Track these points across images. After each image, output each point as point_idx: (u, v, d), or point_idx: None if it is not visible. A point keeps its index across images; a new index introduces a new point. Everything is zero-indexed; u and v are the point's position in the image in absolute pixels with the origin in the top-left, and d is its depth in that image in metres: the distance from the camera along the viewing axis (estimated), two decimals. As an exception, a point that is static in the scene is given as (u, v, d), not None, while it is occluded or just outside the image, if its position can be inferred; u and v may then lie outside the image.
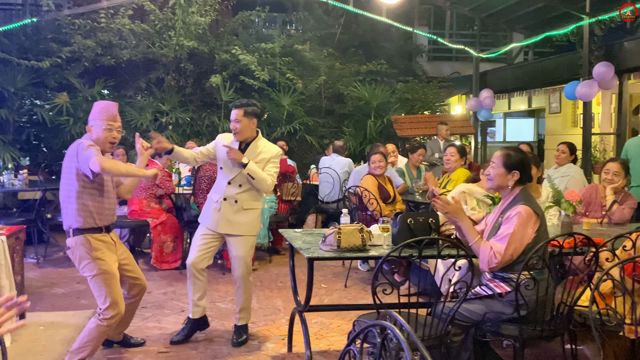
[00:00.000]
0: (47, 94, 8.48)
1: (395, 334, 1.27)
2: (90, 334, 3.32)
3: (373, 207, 5.46)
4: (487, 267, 2.90)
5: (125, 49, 8.76)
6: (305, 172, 8.75)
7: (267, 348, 3.94)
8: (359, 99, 9.66)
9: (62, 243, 7.11)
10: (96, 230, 3.36)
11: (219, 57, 8.97)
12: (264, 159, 3.94)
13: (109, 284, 3.33)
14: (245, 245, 3.95)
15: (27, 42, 8.56)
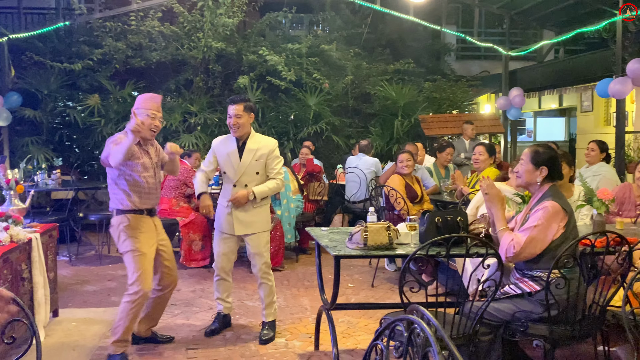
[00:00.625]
0: (79, 96, 8.67)
1: (423, 328, 1.26)
2: (120, 315, 3.49)
3: (400, 207, 5.43)
4: (505, 257, 2.88)
5: (155, 51, 8.90)
6: (332, 172, 8.75)
7: (294, 346, 3.95)
8: (386, 99, 9.61)
9: (94, 242, 7.26)
10: (137, 212, 3.56)
11: (246, 58, 9.03)
12: (263, 155, 3.97)
13: (140, 262, 3.49)
14: (261, 241, 4.02)
15: (60, 45, 8.76)
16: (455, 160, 7.82)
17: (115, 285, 5.45)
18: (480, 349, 2.86)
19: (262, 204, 4.04)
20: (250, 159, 3.94)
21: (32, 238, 3.89)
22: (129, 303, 3.48)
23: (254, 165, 3.95)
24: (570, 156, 4.86)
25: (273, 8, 9.83)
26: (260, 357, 3.74)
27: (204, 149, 8.62)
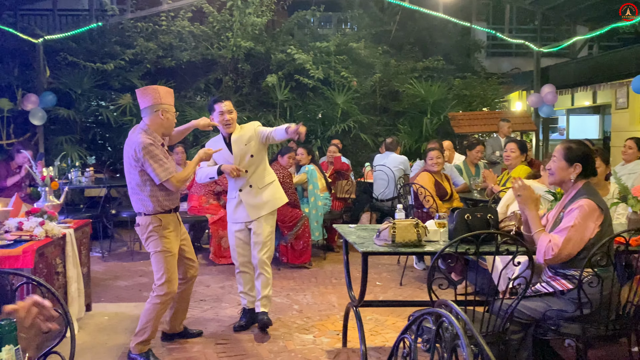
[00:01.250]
0: (111, 95, 8.83)
1: (451, 321, 1.24)
2: (147, 315, 3.51)
3: (429, 205, 5.38)
4: (543, 259, 2.82)
5: (185, 51, 9.01)
6: (360, 170, 8.73)
7: (322, 342, 3.95)
8: (415, 96, 9.54)
9: (126, 238, 7.40)
10: (165, 212, 3.55)
11: (274, 57, 9.07)
12: (252, 137, 4.00)
13: (168, 262, 3.52)
14: (264, 227, 4.05)
15: (93, 46, 8.94)
16: (489, 158, 7.71)
17: (146, 280, 5.54)
18: (510, 348, 2.82)
19: (266, 183, 4.08)
20: (241, 147, 3.98)
21: (66, 233, 3.99)
22: (157, 304, 3.51)
23: (246, 150, 3.99)
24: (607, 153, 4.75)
25: (301, 7, 9.84)
26: (289, 353, 3.76)
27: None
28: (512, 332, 2.84)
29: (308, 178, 6.53)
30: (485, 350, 1.23)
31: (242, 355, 3.73)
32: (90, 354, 3.54)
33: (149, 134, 3.47)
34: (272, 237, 4.13)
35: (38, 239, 3.61)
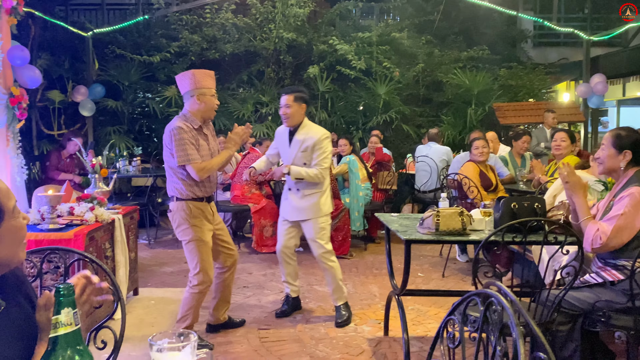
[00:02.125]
0: (157, 87, 9.01)
1: (500, 301, 1.22)
2: (187, 303, 3.56)
3: (473, 195, 5.29)
4: (591, 248, 2.73)
5: (229, 43, 9.11)
6: (401, 162, 8.66)
7: (364, 331, 3.95)
8: (459, 87, 9.38)
9: (171, 226, 7.54)
10: (197, 199, 3.51)
11: (316, 48, 9.07)
12: (308, 147, 3.96)
13: (201, 251, 3.50)
14: (314, 228, 4.04)
15: (139, 39, 9.14)
16: (534, 150, 7.53)
17: (190, 267, 5.65)
18: (557, 339, 2.75)
19: (313, 192, 4.02)
20: (297, 150, 4.00)
21: (115, 219, 4.11)
22: (194, 294, 3.53)
23: (300, 157, 3.99)
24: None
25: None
26: (330, 340, 3.78)
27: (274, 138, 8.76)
28: (559, 323, 2.77)
29: (349, 168, 6.52)
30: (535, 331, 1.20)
31: (284, 341, 3.77)
32: (138, 335, 3.64)
33: (187, 119, 3.48)
34: (325, 232, 4.08)
35: (88, 223, 3.73)
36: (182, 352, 1.02)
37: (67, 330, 0.91)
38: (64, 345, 0.90)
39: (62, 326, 0.90)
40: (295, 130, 4.01)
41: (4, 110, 5.63)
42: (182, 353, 1.02)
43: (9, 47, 5.72)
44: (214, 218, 3.66)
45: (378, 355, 3.55)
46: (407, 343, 3.27)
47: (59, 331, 0.90)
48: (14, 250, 1.27)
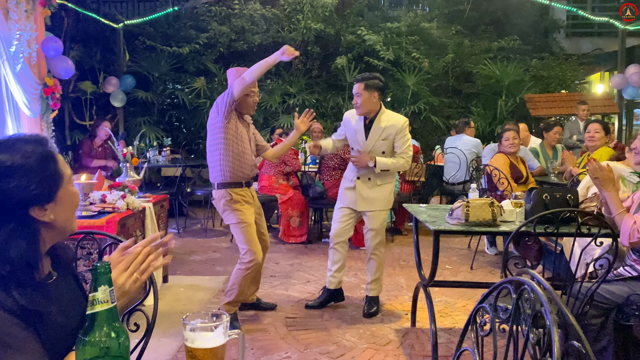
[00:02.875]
0: (186, 79, 9.10)
1: (533, 288, 1.20)
2: (235, 278, 3.69)
3: (503, 187, 5.22)
4: (628, 242, 2.66)
5: (257, 34, 9.13)
6: (430, 153, 8.58)
7: (390, 321, 3.95)
8: (489, 77, 9.23)
9: (200, 216, 7.66)
10: (237, 185, 3.68)
11: (344, 39, 9.03)
12: (390, 134, 3.93)
13: (248, 232, 3.66)
14: (378, 219, 4.02)
15: (169, 30, 9.23)
16: (567, 143, 7.38)
17: (219, 256, 5.72)
18: (589, 332, 2.70)
19: (385, 182, 4.00)
20: (376, 139, 3.93)
21: (146, 207, 4.17)
22: (242, 270, 3.67)
23: (380, 145, 3.93)
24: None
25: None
26: (357, 330, 3.78)
27: (302, 129, 8.75)
28: (591, 317, 2.72)
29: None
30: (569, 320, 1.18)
31: (311, 330, 3.78)
32: (168, 321, 3.70)
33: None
34: (384, 224, 4.09)
35: (120, 211, 3.79)
36: (214, 332, 1.03)
37: (103, 308, 0.93)
38: (100, 321, 0.92)
39: (99, 303, 0.92)
40: (373, 119, 3.95)
41: (38, 100, 5.77)
42: (214, 333, 1.03)
43: (43, 39, 5.84)
44: (254, 202, 3.82)
45: (405, 345, 3.54)
46: (434, 334, 3.25)
47: (95, 308, 0.92)
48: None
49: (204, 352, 1.02)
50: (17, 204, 1.22)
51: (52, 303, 1.27)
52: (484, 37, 10.11)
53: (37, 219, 1.25)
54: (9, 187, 1.20)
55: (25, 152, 1.25)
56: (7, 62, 5.19)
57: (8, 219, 1.21)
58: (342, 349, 3.47)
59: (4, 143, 1.27)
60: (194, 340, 1.02)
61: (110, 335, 0.92)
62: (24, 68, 5.38)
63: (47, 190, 1.26)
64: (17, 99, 5.50)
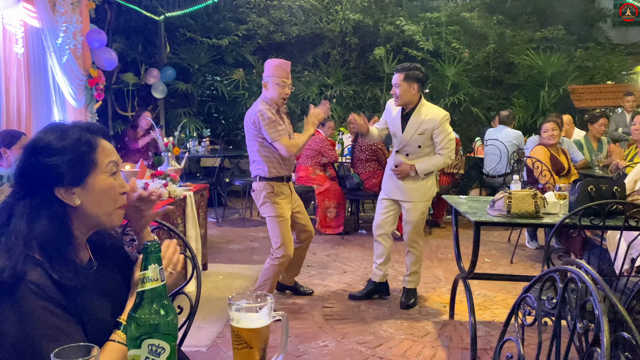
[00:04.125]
0: (225, 70, 9.19)
1: (581, 277, 1.17)
2: (266, 274, 3.76)
3: (545, 180, 5.10)
4: None
5: (295, 26, 9.14)
6: (470, 145, 8.45)
7: (428, 313, 3.92)
8: (532, 68, 9.01)
9: (238, 206, 7.76)
10: (278, 179, 3.74)
11: (383, 29, 8.95)
12: (428, 129, 3.82)
13: (282, 227, 3.71)
14: (415, 212, 3.93)
15: (209, 22, 9.32)
16: (612, 136, 7.16)
17: (257, 245, 5.78)
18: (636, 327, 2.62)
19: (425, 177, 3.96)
20: (413, 133, 3.85)
21: (186, 195, 4.25)
22: (274, 266, 3.73)
23: (416, 139, 3.85)
24: None
25: (412, -23, 9.61)
26: (394, 321, 3.77)
27: (338, 120, 8.76)
28: (638, 312, 2.64)
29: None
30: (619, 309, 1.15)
31: (348, 320, 3.79)
32: (207, 307, 3.77)
33: (267, 102, 3.69)
34: (423, 217, 4.01)
35: (162, 199, 3.87)
36: (259, 312, 1.04)
37: (153, 286, 0.95)
38: (150, 299, 0.95)
39: (149, 281, 0.95)
40: (411, 111, 3.87)
41: (83, 91, 5.93)
42: (259, 314, 1.04)
43: (88, 31, 5.99)
44: (292, 197, 3.87)
45: (443, 337, 3.51)
46: (473, 327, 3.22)
47: (146, 286, 0.95)
48: (104, 209, 1.34)
49: (249, 332, 1.03)
50: (44, 181, 1.26)
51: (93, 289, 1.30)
52: (526, 27, 9.86)
53: (63, 201, 1.28)
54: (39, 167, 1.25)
55: (65, 134, 1.30)
56: (54, 54, 5.34)
57: (34, 193, 1.26)
58: (380, 340, 3.47)
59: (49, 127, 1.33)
60: (239, 321, 1.04)
61: (160, 312, 0.95)
62: (70, 59, 5.53)
63: (75, 174, 1.28)
64: (63, 89, 5.67)
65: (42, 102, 5.63)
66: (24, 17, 5.06)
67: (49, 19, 5.16)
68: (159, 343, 0.93)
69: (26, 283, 1.16)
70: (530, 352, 2.84)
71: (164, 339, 0.94)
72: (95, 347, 0.92)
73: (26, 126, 5.25)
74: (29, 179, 1.26)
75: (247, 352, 1.04)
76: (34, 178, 1.26)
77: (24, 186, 1.27)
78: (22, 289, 1.16)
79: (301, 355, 3.25)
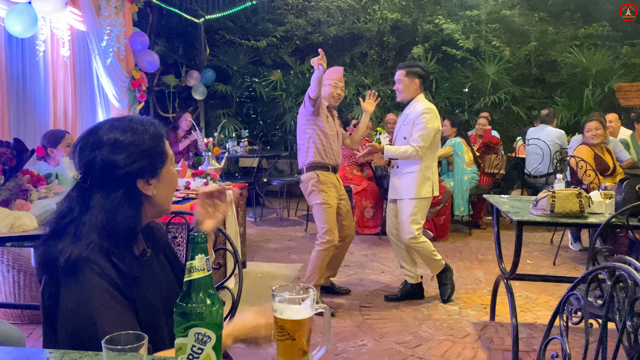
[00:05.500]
0: (263, 72, 9.28)
1: (631, 274, 1.14)
2: (313, 262, 3.85)
3: (589, 180, 4.96)
4: None
5: (333, 26, 9.15)
6: (510, 145, 8.30)
7: (468, 314, 3.87)
8: (575, 66, 8.77)
9: (275, 205, 7.81)
10: (323, 167, 3.86)
11: (421, 28, 8.87)
12: (410, 120, 3.95)
13: (327, 213, 3.82)
14: (405, 209, 3.94)
15: (247, 24, 9.43)
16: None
17: (294, 244, 5.81)
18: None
19: (407, 171, 3.95)
20: (400, 124, 4.05)
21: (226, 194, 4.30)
22: (320, 251, 3.82)
23: (402, 131, 4.02)
24: None
25: (451, -25, 9.48)
26: (433, 322, 3.73)
27: (375, 120, 8.72)
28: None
29: (454, 151, 6.36)
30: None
31: (386, 320, 3.77)
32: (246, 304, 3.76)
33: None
34: (415, 218, 3.94)
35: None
36: (301, 304, 1.05)
37: (200, 275, 0.97)
38: (197, 288, 0.97)
39: (196, 271, 0.97)
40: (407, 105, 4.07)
41: (126, 92, 6.07)
42: (301, 305, 1.05)
43: (131, 33, 6.14)
44: (339, 188, 3.96)
45: (484, 339, 3.46)
46: (515, 328, 3.15)
47: (192, 275, 0.97)
48: (169, 197, 1.45)
49: (292, 323, 1.04)
50: (127, 175, 1.33)
51: (146, 276, 1.38)
52: (569, 24, 9.61)
53: (142, 191, 1.36)
54: (119, 160, 1.32)
55: (138, 130, 1.36)
56: (99, 56, 5.49)
57: (116, 187, 1.33)
58: (419, 340, 3.44)
59: (122, 121, 1.38)
60: (282, 312, 1.05)
61: (206, 302, 0.96)
62: (114, 62, 5.68)
63: (153, 166, 1.37)
64: (107, 91, 5.83)
65: (87, 103, 5.80)
66: (70, 21, 5.23)
67: (93, 22, 5.31)
68: (205, 332, 0.95)
69: (91, 265, 1.24)
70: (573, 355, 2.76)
71: (210, 327, 0.96)
72: (145, 336, 0.95)
73: (72, 126, 5.42)
74: (110, 174, 1.32)
75: (290, 343, 1.05)
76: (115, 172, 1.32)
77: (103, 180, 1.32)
78: (86, 270, 1.23)
79: (340, 353, 3.25)
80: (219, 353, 0.97)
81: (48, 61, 5.09)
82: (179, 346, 0.96)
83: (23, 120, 4.81)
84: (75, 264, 1.23)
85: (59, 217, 1.33)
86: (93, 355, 1.16)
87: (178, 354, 0.96)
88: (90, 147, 1.34)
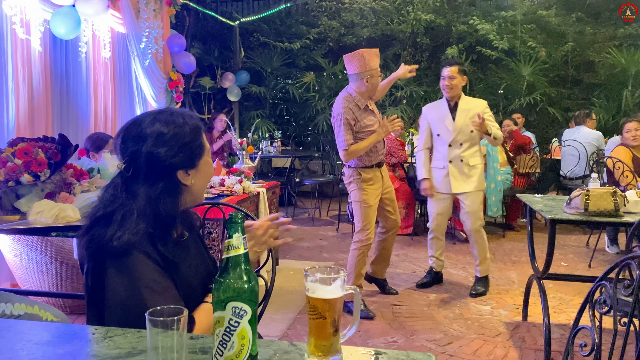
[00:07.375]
0: (296, 73, 9.37)
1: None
2: (350, 261, 3.89)
3: (627, 181, 4.87)
4: None
5: (366, 27, 9.18)
6: (546, 147, 8.18)
7: (500, 314, 3.85)
8: (614, 67, 8.59)
9: (307, 205, 7.88)
10: (366, 167, 3.87)
11: (455, 29, 8.83)
12: (475, 115, 4.03)
13: (365, 212, 3.84)
14: (476, 200, 4.16)
15: (281, 27, 9.54)
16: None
17: (326, 244, 5.86)
18: None
19: (475, 164, 4.16)
20: (464, 119, 4.09)
21: (260, 192, 4.38)
22: (354, 250, 3.87)
23: (469, 125, 4.07)
24: None
25: (486, -24, 9.41)
26: (465, 320, 3.73)
27: (408, 121, 8.71)
28: None
29: (487, 151, 6.31)
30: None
31: (417, 317, 3.79)
32: (279, 300, 3.88)
33: (352, 99, 3.78)
34: (481, 207, 4.23)
35: (237, 194, 4.02)
36: (332, 285, 1.10)
37: (237, 253, 1.03)
38: (234, 265, 1.02)
39: (234, 249, 1.02)
40: (457, 102, 4.14)
41: (163, 93, 6.23)
42: (332, 286, 1.10)
43: (169, 36, 6.30)
44: (383, 182, 3.96)
45: (516, 339, 3.44)
46: (547, 328, 3.13)
47: (230, 253, 1.03)
48: (204, 187, 1.54)
49: (323, 302, 1.09)
50: (168, 167, 1.41)
51: (185, 257, 1.47)
52: (608, 24, 9.42)
53: (181, 181, 1.44)
54: (162, 152, 1.40)
55: (179, 123, 1.44)
56: (138, 58, 5.66)
57: (159, 177, 1.41)
58: (450, 338, 3.44)
59: (164, 114, 1.46)
60: (314, 291, 1.09)
61: (243, 278, 1.02)
62: (152, 63, 5.84)
63: (192, 158, 1.45)
64: (145, 91, 5.99)
65: (125, 103, 5.98)
66: (111, 24, 5.40)
67: (133, 24, 5.48)
68: (242, 306, 1.01)
69: (140, 248, 1.33)
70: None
71: (246, 302, 1.01)
72: (185, 309, 1.01)
73: (111, 125, 5.59)
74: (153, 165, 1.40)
75: (321, 322, 1.10)
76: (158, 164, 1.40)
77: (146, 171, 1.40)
78: (135, 252, 1.33)
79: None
80: (255, 327, 1.03)
81: (90, 62, 5.27)
82: (217, 319, 1.01)
83: (66, 119, 4.99)
84: (125, 247, 1.31)
85: (104, 205, 1.41)
86: (136, 332, 1.23)
87: (216, 327, 1.02)
88: (133, 138, 1.41)
